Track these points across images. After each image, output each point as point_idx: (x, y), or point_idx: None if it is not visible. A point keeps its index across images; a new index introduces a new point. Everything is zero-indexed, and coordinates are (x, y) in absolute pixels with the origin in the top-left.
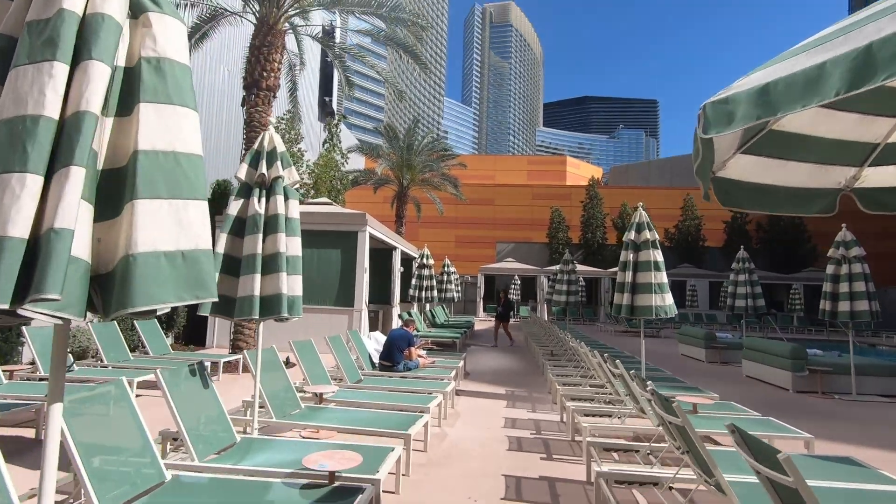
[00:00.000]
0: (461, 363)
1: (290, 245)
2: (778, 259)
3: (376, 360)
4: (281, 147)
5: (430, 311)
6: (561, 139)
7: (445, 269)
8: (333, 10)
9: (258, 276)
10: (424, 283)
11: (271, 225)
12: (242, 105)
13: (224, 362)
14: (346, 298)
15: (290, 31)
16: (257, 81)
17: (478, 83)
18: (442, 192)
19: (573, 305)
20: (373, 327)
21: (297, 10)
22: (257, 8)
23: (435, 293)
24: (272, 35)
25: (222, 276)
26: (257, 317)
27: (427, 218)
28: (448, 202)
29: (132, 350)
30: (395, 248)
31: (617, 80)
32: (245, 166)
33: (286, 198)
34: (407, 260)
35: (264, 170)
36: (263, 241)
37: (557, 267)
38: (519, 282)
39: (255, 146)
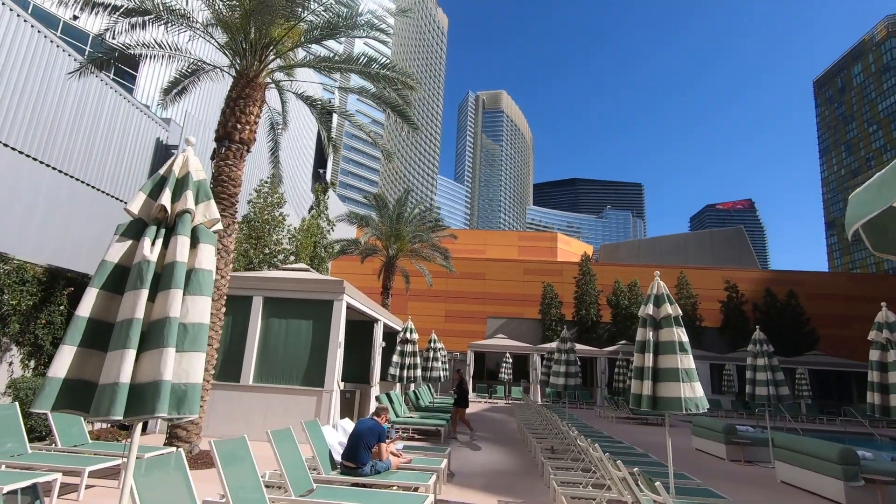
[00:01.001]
0: (444, 462)
1: (192, 308)
2: (775, 341)
3: (339, 457)
4: (199, 175)
5: (415, 392)
6: (550, 217)
7: (432, 344)
8: (319, 69)
9: (131, 353)
10: (407, 361)
11: (165, 278)
12: (212, 159)
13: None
14: (315, 377)
15: (273, 86)
16: (230, 133)
17: (470, 163)
18: (431, 265)
19: (572, 388)
20: (347, 411)
21: (280, 66)
22: (238, 61)
23: (419, 371)
24: (251, 87)
25: (82, 350)
26: (120, 416)
27: (416, 291)
28: (438, 275)
29: (40, 439)
30: (376, 319)
31: (603, 163)
32: (142, 196)
33: (195, 241)
34: (391, 334)
35: (167, 201)
36: (150, 300)
37: (553, 345)
38: (511, 360)
39: (162, 171)
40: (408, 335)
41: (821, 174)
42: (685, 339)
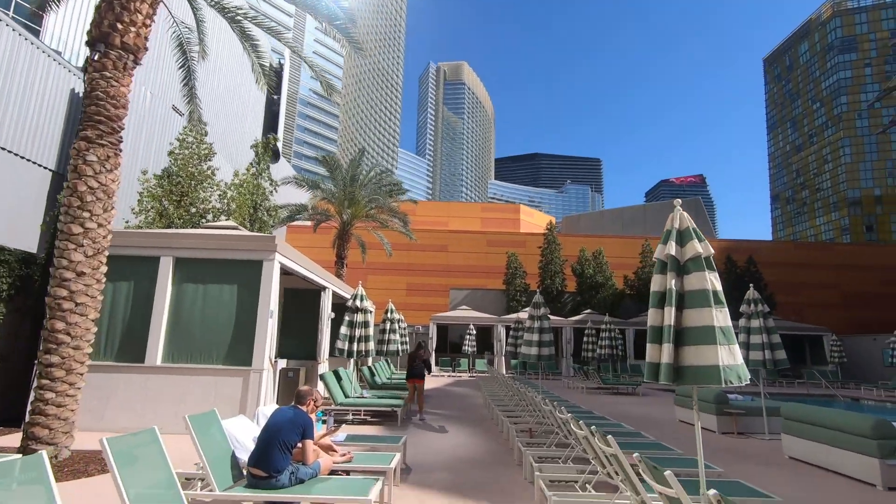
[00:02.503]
0: (396, 459)
1: None
2: (735, 308)
3: (246, 461)
4: None
5: (370, 367)
6: (512, 192)
7: (389, 315)
8: None
9: None
10: (358, 333)
11: None
12: (83, 70)
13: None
14: (241, 354)
15: None
16: (107, 35)
17: (432, 137)
18: (391, 233)
19: (546, 358)
20: (290, 394)
21: None
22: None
23: (372, 345)
24: None
25: None
26: None
27: (376, 264)
28: (399, 247)
29: None
30: (324, 288)
31: (563, 138)
32: None
33: None
34: (344, 305)
35: None
36: None
37: (519, 315)
38: (474, 332)
39: None
40: (358, 303)
41: (768, 150)
42: (719, 286)
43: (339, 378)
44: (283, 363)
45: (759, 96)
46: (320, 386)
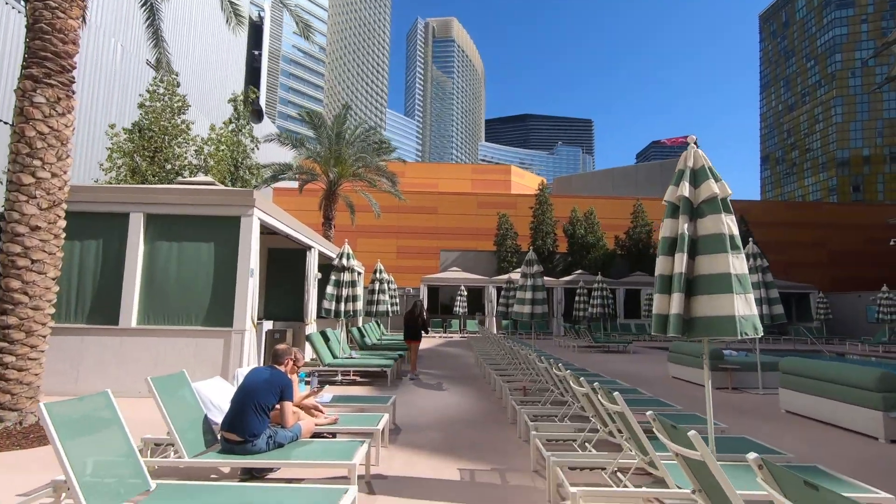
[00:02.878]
0: (384, 420)
1: None
2: None
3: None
4: None
5: (359, 328)
6: (502, 154)
7: (377, 275)
8: None
9: None
10: (345, 293)
11: None
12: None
13: None
14: (221, 315)
15: None
16: None
17: (420, 96)
18: (379, 194)
19: (539, 317)
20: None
21: None
22: None
23: (359, 304)
24: None
25: None
26: None
27: (366, 227)
28: (388, 209)
29: None
30: (309, 247)
31: (555, 99)
32: None
33: None
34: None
35: None
36: None
37: (510, 276)
38: (465, 293)
39: None
40: (344, 262)
41: (760, 110)
42: (736, 230)
43: (326, 338)
44: (269, 325)
45: (753, 58)
46: (307, 347)
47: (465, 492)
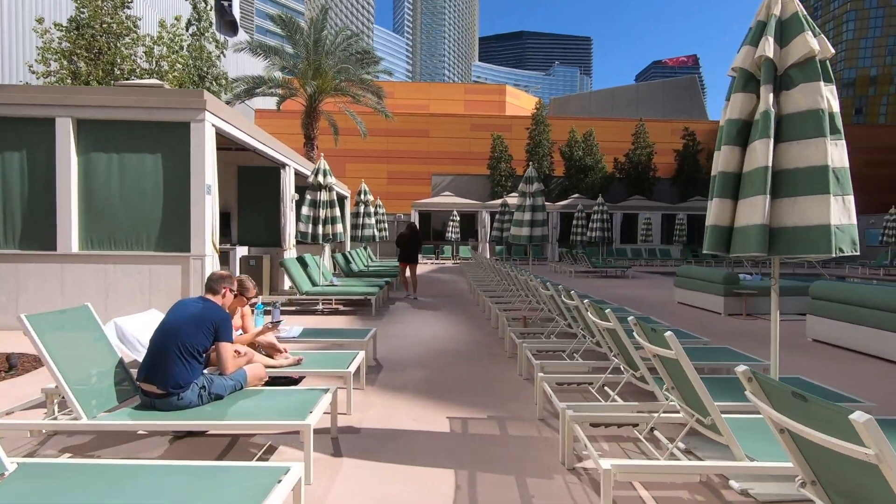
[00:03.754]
0: (358, 358)
1: None
2: None
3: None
4: None
5: (345, 254)
6: (497, 74)
7: (362, 197)
8: None
9: None
10: (322, 214)
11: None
12: None
13: None
14: (177, 238)
15: None
16: None
17: (410, 10)
18: (365, 114)
19: (538, 240)
20: None
21: None
22: None
23: (340, 228)
24: None
25: None
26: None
27: (354, 151)
28: (378, 133)
29: None
30: (284, 164)
31: (551, 16)
32: None
33: None
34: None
35: None
36: None
37: (506, 199)
38: (458, 218)
39: None
40: (320, 179)
41: None
42: (837, 107)
43: (304, 265)
44: (243, 251)
45: None
46: (285, 276)
47: (456, 449)
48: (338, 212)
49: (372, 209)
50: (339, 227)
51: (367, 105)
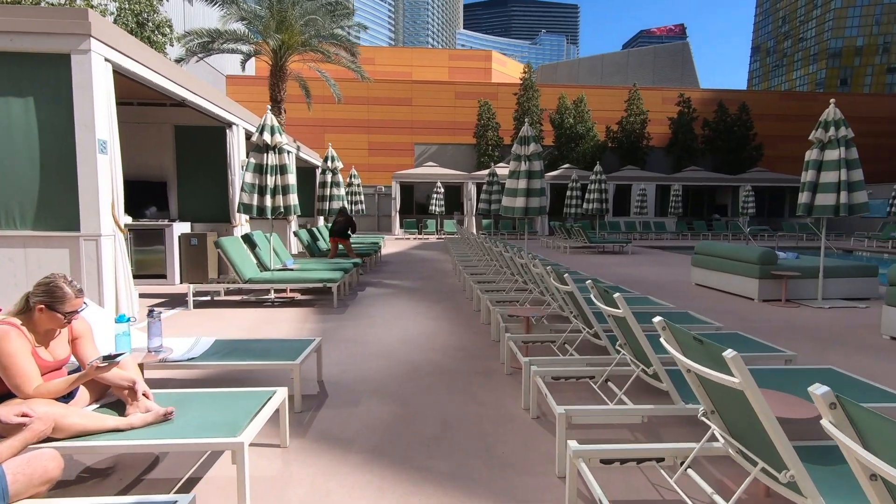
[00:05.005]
0: (273, 398)
1: None
2: (722, 160)
3: None
4: None
5: (312, 230)
6: (482, 43)
7: (327, 164)
8: None
9: None
10: (271, 183)
11: None
12: None
13: None
14: (63, 212)
15: None
16: None
17: None
18: (341, 73)
19: (536, 212)
20: (192, 269)
21: None
22: None
23: (291, 199)
24: None
25: None
26: None
27: (334, 121)
28: (357, 102)
29: None
30: (230, 123)
31: None
32: None
33: None
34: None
35: None
36: None
37: (495, 168)
38: (442, 190)
39: None
40: (266, 138)
41: None
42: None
43: (252, 244)
44: (184, 227)
45: None
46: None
47: None
48: (291, 179)
49: (341, 179)
50: (293, 199)
51: (340, 65)
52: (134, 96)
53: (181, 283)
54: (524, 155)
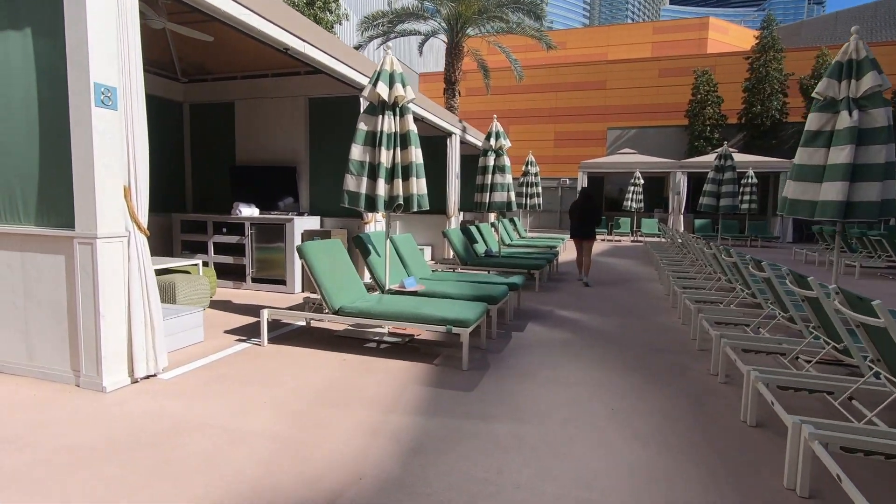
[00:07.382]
0: None
1: None
2: None
3: None
4: None
5: (477, 226)
6: (693, 17)
7: (493, 143)
8: None
9: None
10: (384, 160)
11: None
12: None
13: None
14: (56, 200)
15: None
16: None
17: None
18: (519, 41)
19: (868, 209)
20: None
21: None
22: None
23: (409, 185)
24: None
25: None
26: None
27: (515, 111)
28: (542, 89)
29: None
30: (362, 88)
31: None
32: None
33: None
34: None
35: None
36: None
37: (725, 148)
38: (641, 182)
39: None
40: (381, 90)
41: None
42: None
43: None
44: (311, 222)
45: None
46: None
47: None
48: (415, 156)
49: (507, 162)
50: (416, 186)
51: (524, 34)
52: (267, 67)
53: (301, 291)
54: (846, 98)
